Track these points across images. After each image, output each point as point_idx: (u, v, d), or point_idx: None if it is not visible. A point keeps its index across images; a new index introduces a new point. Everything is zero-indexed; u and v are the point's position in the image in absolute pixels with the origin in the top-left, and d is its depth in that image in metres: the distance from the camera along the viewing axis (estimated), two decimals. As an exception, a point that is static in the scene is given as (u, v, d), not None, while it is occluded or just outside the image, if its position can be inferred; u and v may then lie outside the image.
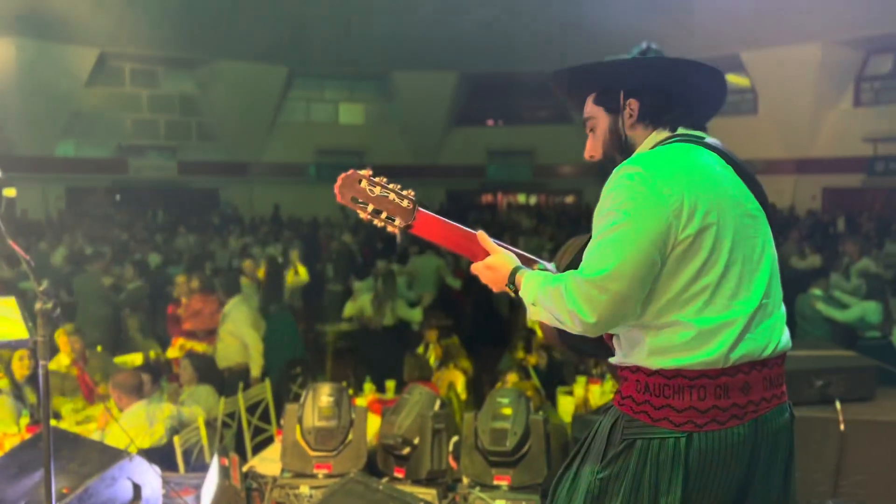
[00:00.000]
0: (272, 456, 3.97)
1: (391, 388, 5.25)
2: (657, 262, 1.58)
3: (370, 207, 1.92)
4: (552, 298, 1.66)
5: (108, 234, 12.82)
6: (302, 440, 3.56)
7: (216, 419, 4.67)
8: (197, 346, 6.22)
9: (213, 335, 6.23)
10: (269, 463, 3.87)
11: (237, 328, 5.89)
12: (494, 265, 1.86)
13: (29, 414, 4.40)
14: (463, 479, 3.44)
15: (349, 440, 3.55)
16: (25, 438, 3.65)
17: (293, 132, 20.60)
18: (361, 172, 1.94)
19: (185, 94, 20.03)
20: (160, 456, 3.87)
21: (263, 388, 5.41)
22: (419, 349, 5.87)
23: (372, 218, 1.93)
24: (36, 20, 14.48)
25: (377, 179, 1.93)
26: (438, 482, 3.46)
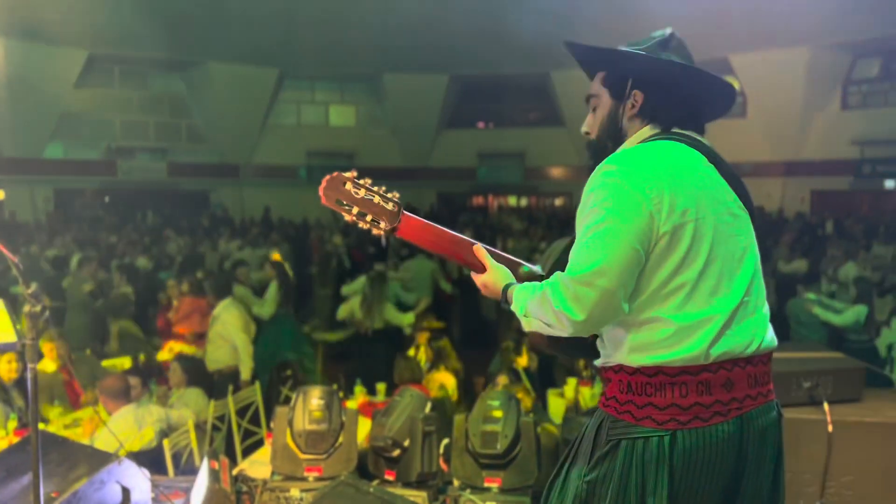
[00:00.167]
0: (262, 459, 3.97)
1: (382, 390, 5.26)
2: (641, 255, 1.59)
3: (355, 210, 1.90)
4: (539, 305, 1.67)
5: (96, 236, 12.74)
6: (292, 443, 3.55)
7: (206, 422, 4.66)
8: (186, 348, 6.20)
9: (203, 338, 6.20)
10: (259, 466, 3.87)
11: (227, 331, 5.87)
12: (487, 283, 1.89)
13: (17, 417, 4.37)
14: (454, 481, 3.45)
15: (340, 443, 3.55)
16: (13, 442, 3.63)
17: (284, 134, 20.54)
18: (346, 174, 1.91)
19: (174, 95, 19.92)
20: (149, 459, 3.86)
21: (253, 390, 5.40)
22: (410, 351, 5.87)
23: (357, 220, 1.90)
24: (24, 22, 14.37)
25: (362, 181, 1.91)
26: (429, 484, 3.46)
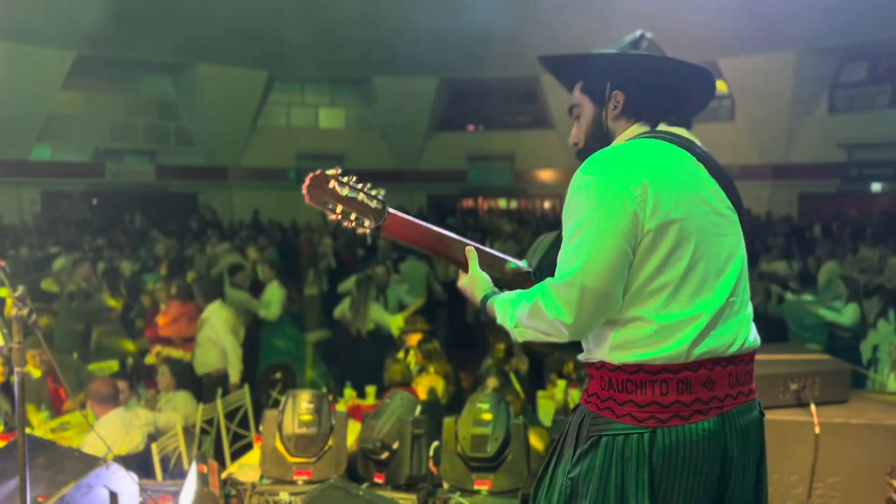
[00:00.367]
0: (251, 462, 3.95)
1: (372, 393, 5.25)
2: (629, 253, 1.58)
3: (339, 208, 1.87)
4: (532, 315, 1.66)
5: (84, 239, 12.65)
6: (281, 446, 3.53)
7: (194, 425, 4.64)
8: (174, 352, 6.17)
9: (190, 342, 6.17)
10: (248, 469, 3.85)
11: (216, 334, 5.84)
12: (465, 288, 1.89)
13: (3, 421, 4.33)
14: (443, 483, 3.44)
15: (329, 446, 3.54)
16: (0, 446, 3.59)
17: (273, 137, 20.48)
18: (329, 172, 1.88)
19: (163, 97, 19.82)
20: (138, 463, 3.84)
21: (242, 394, 5.38)
22: (400, 354, 5.86)
23: (341, 219, 1.87)
24: (11, 23, 14.27)
25: (345, 179, 1.88)
26: (418, 487, 3.45)
